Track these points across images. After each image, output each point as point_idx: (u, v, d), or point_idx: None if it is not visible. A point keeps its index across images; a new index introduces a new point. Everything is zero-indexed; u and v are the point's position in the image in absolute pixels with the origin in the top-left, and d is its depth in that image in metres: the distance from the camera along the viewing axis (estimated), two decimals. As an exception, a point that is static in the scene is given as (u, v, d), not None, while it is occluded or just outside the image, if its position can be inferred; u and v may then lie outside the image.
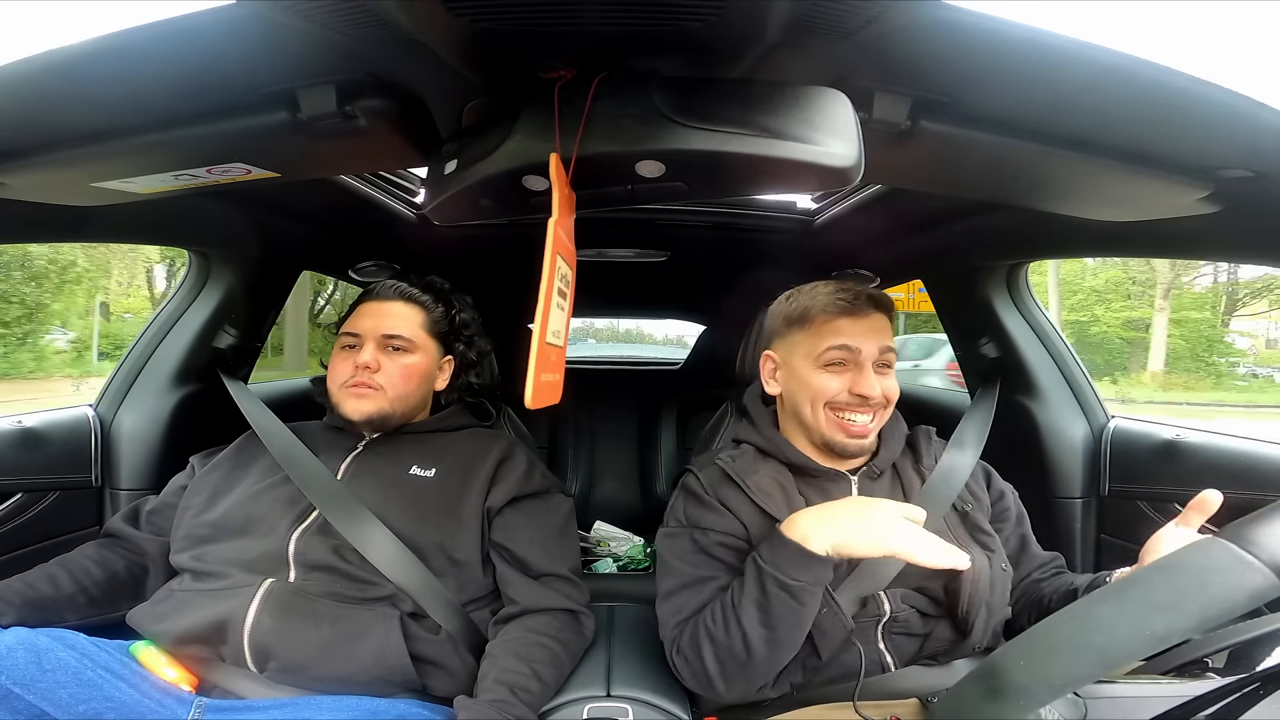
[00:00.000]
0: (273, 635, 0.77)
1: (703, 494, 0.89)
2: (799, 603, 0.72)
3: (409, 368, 0.98)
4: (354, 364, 0.96)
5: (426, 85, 0.60)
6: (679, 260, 1.69)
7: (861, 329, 0.86)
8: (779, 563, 0.72)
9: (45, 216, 0.83)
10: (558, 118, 0.53)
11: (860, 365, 0.85)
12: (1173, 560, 0.42)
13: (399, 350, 0.98)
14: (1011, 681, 0.44)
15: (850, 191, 1.20)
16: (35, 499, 1.07)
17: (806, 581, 0.71)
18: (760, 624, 0.73)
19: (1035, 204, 0.79)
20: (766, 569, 0.73)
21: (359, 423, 0.95)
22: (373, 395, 0.95)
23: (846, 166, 0.52)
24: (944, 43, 0.48)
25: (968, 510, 0.89)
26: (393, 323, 0.99)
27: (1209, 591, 0.39)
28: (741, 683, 0.77)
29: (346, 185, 1.10)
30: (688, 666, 0.80)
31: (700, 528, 0.86)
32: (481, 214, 0.64)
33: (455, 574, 0.88)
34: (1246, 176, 0.64)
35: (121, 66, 0.52)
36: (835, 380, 0.86)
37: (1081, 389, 1.29)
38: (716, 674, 0.76)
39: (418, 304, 1.03)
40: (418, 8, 0.44)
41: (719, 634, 0.76)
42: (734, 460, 0.91)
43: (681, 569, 0.85)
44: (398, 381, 0.97)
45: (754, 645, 0.73)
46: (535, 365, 0.50)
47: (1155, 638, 0.40)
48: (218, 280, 1.26)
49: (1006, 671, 0.45)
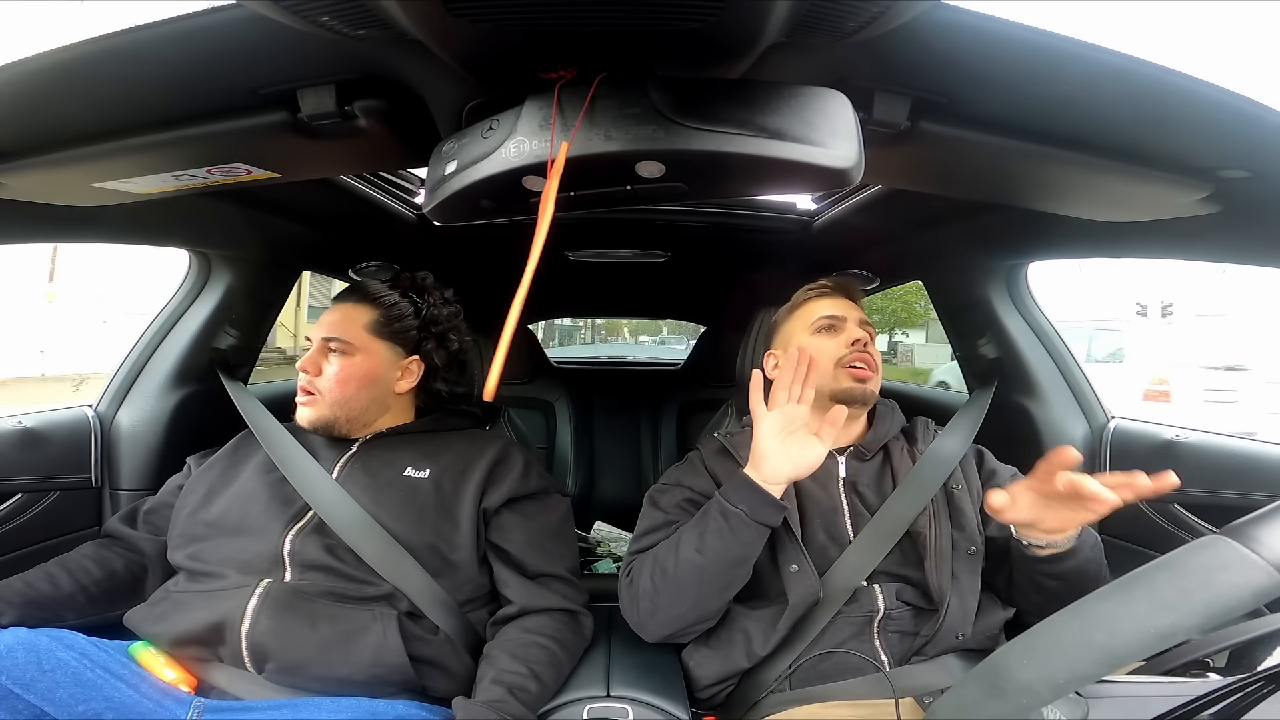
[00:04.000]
0: (270, 636, 0.77)
1: (697, 462, 1.00)
2: (730, 528, 0.79)
3: (343, 370, 0.94)
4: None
5: (426, 85, 0.60)
6: (679, 260, 1.69)
7: (841, 305, 1.02)
8: (726, 492, 0.82)
9: (45, 216, 0.83)
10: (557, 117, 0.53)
11: (847, 328, 0.99)
12: (1177, 558, 0.42)
13: (336, 353, 0.95)
14: (1014, 680, 0.44)
15: (850, 192, 1.20)
16: (35, 499, 1.07)
17: (743, 510, 0.79)
18: (695, 549, 0.81)
19: (1035, 204, 0.79)
20: (717, 497, 0.82)
21: (306, 428, 0.95)
22: (311, 401, 0.94)
23: (846, 167, 0.52)
24: (944, 43, 0.48)
25: (954, 491, 0.92)
26: (336, 327, 0.96)
27: (1213, 590, 0.39)
28: (667, 609, 0.83)
29: (346, 185, 1.10)
30: (629, 591, 0.88)
31: (682, 485, 0.96)
32: (481, 214, 0.64)
33: (451, 574, 0.88)
34: (1246, 177, 0.64)
35: (121, 66, 0.52)
36: (830, 341, 0.98)
37: (1081, 389, 1.28)
38: (648, 594, 0.84)
39: (369, 302, 0.98)
40: (418, 8, 0.44)
41: (661, 556, 0.85)
42: (732, 435, 1.00)
43: (652, 514, 0.95)
44: (333, 386, 0.94)
45: (683, 567, 0.81)
46: (502, 360, 0.52)
47: (1160, 635, 0.40)
48: (218, 281, 1.25)
49: (1009, 669, 0.44)
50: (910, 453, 0.96)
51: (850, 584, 0.85)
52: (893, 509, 0.89)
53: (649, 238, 1.53)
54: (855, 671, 0.82)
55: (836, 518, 0.90)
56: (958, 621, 0.84)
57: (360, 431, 0.98)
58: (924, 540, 0.86)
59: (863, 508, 0.91)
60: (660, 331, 12.84)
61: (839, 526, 0.89)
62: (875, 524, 0.88)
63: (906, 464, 0.94)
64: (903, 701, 0.77)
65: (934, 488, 0.90)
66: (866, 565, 0.85)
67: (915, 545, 0.87)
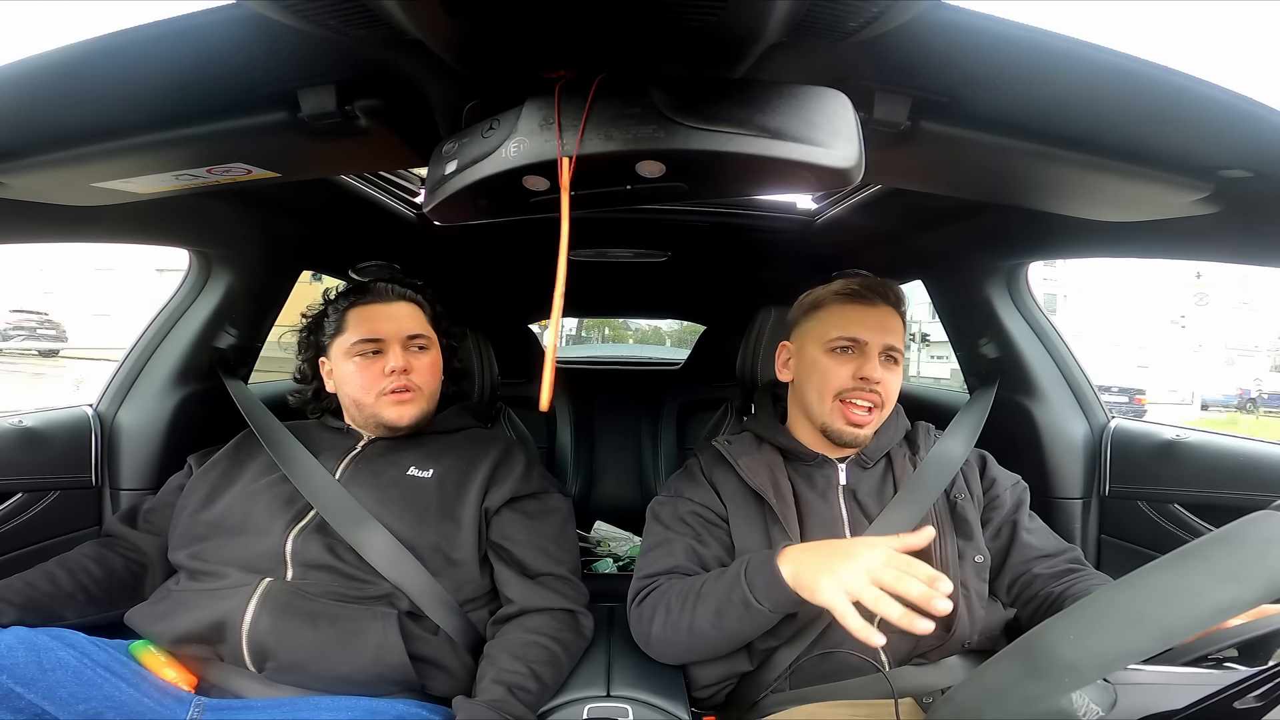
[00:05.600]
0: (271, 635, 0.77)
1: (696, 471, 0.97)
2: (751, 620, 0.76)
3: (434, 364, 1.01)
4: (383, 370, 0.95)
5: (426, 85, 0.60)
6: (679, 260, 1.69)
7: (871, 320, 0.90)
8: (754, 579, 0.76)
9: (46, 216, 0.83)
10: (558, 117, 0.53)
11: (866, 354, 0.90)
12: (1231, 532, 0.41)
13: (423, 349, 0.99)
14: (1056, 658, 0.42)
15: (850, 191, 1.20)
16: (35, 499, 1.07)
17: (767, 607, 0.74)
18: (710, 623, 0.78)
19: (1035, 204, 0.79)
20: (742, 580, 0.76)
21: (405, 428, 0.96)
22: (413, 397, 0.96)
23: (847, 167, 0.52)
24: (944, 43, 0.48)
25: (958, 500, 0.91)
26: (412, 323, 1.00)
27: (1270, 562, 0.38)
28: (674, 656, 0.85)
29: (346, 185, 1.10)
30: (639, 624, 0.86)
31: (683, 497, 0.94)
32: (482, 214, 0.64)
33: (452, 574, 0.88)
34: (1246, 177, 0.64)
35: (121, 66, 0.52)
36: (842, 367, 0.90)
37: (1081, 389, 1.28)
38: (659, 640, 0.83)
39: (417, 301, 1.04)
40: (417, 7, 0.44)
41: (674, 609, 0.82)
42: (731, 443, 0.97)
43: (657, 530, 0.93)
44: (430, 379, 0.99)
45: (698, 633, 0.79)
46: (550, 370, 0.52)
47: (1218, 609, 0.39)
48: (218, 280, 1.25)
49: (1050, 648, 0.42)
50: (912, 460, 0.95)
51: None
52: (891, 517, 0.88)
53: (649, 237, 1.53)
54: (855, 671, 0.82)
55: (835, 527, 0.89)
56: (965, 631, 0.83)
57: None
58: (928, 550, 0.84)
59: (862, 516, 0.90)
60: (663, 343, 12.91)
61: (838, 536, 0.88)
62: (872, 532, 0.87)
63: (908, 471, 0.93)
64: (902, 702, 0.77)
65: (934, 494, 0.90)
66: None
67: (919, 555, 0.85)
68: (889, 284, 0.93)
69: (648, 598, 0.86)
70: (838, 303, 0.93)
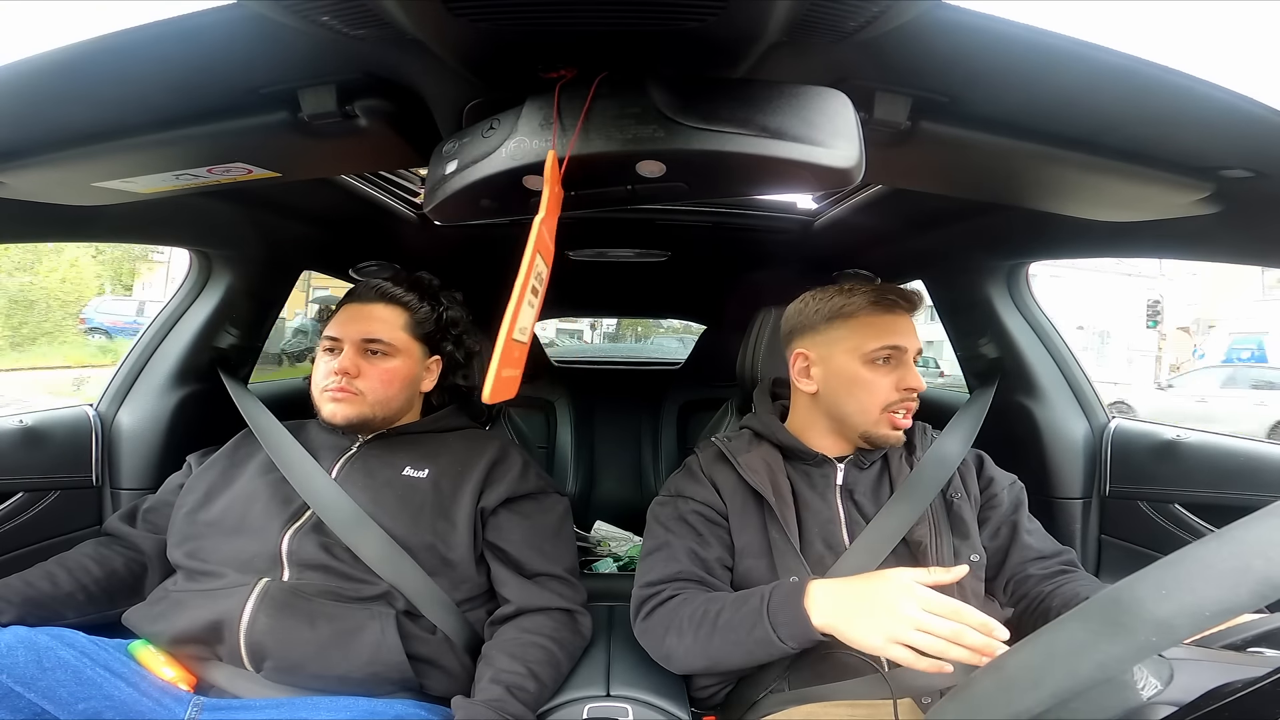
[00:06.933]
0: (268, 634, 0.77)
1: (696, 470, 0.96)
2: (769, 651, 0.75)
3: (389, 372, 0.96)
4: (332, 368, 0.94)
5: (426, 85, 0.60)
6: (679, 260, 1.69)
7: (905, 327, 0.91)
8: (777, 615, 0.74)
9: (45, 216, 0.83)
10: (557, 117, 0.53)
11: (905, 362, 0.90)
12: None
13: (378, 354, 0.96)
14: (1145, 615, 0.39)
15: (850, 192, 1.20)
16: (35, 498, 1.07)
17: (789, 645, 0.74)
18: (730, 653, 0.77)
19: (1035, 204, 0.79)
20: (764, 614, 0.75)
21: (339, 426, 0.95)
22: (351, 400, 0.94)
23: (847, 167, 0.52)
24: (944, 43, 0.48)
25: (954, 500, 0.91)
26: (372, 326, 0.96)
27: None
28: (684, 670, 0.84)
29: (346, 185, 1.10)
30: (649, 637, 0.85)
31: (684, 496, 0.93)
32: (482, 214, 0.64)
33: (449, 574, 0.88)
34: (1247, 176, 0.64)
35: (121, 66, 0.52)
36: (885, 379, 0.89)
37: (1082, 389, 1.28)
38: (671, 657, 0.82)
39: (400, 305, 1.00)
40: (418, 8, 0.44)
41: (687, 631, 0.80)
42: (730, 441, 0.97)
43: (658, 532, 0.91)
44: (377, 386, 0.95)
45: (720, 662, 0.79)
46: (499, 360, 0.50)
47: None
48: (218, 280, 1.26)
49: (1139, 603, 0.39)
50: (909, 461, 0.95)
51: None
52: (887, 517, 0.88)
53: (650, 237, 1.53)
54: (854, 671, 0.82)
55: (833, 527, 0.89)
56: None
57: (383, 427, 0.99)
58: (924, 550, 0.85)
59: (859, 516, 0.90)
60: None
61: (835, 535, 0.89)
62: (869, 533, 0.87)
63: (905, 472, 0.93)
64: (901, 702, 0.77)
65: (931, 494, 0.89)
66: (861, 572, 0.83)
67: (915, 555, 0.86)
68: (911, 290, 0.95)
69: (654, 612, 0.85)
70: (873, 312, 0.90)
